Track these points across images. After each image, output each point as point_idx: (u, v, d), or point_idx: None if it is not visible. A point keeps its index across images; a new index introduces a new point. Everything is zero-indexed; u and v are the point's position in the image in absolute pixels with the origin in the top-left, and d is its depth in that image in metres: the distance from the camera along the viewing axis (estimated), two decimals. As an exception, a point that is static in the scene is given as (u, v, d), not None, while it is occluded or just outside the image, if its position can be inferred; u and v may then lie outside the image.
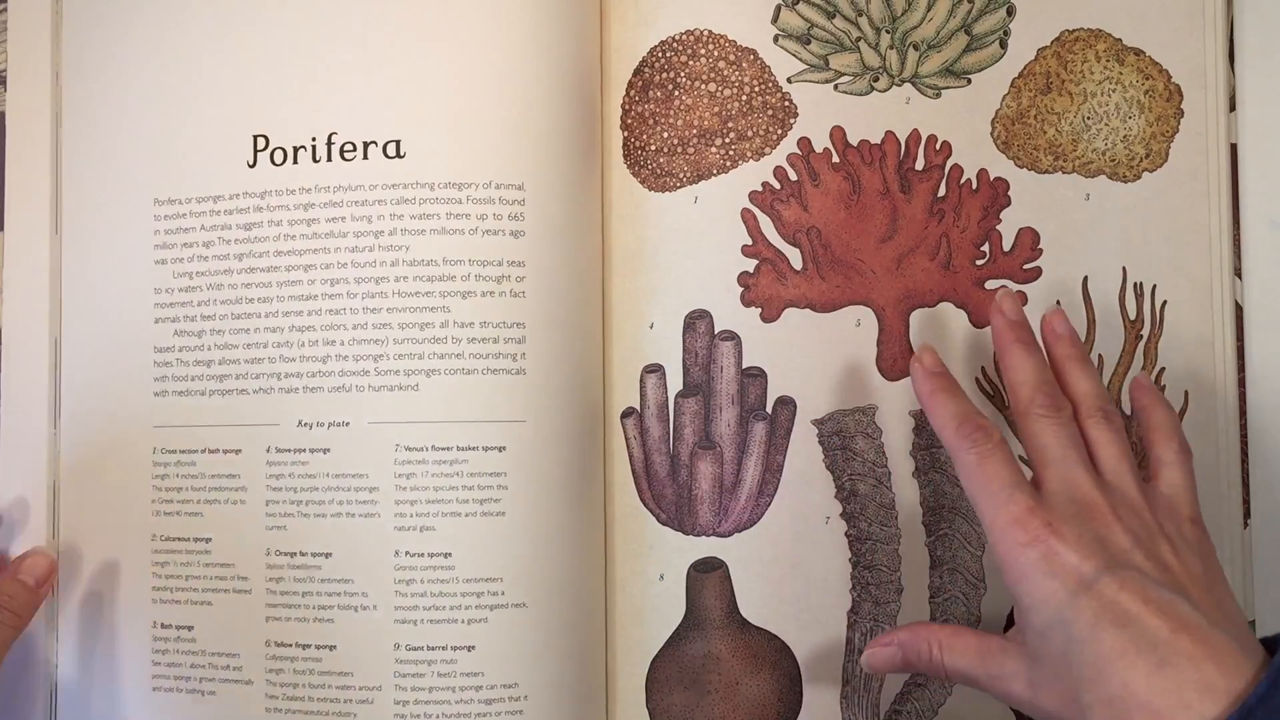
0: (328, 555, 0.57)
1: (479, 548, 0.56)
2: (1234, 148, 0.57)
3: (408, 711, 0.55)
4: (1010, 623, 0.57)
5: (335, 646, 0.57)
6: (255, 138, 0.59)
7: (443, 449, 0.56)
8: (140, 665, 0.60)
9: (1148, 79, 0.58)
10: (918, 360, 0.52)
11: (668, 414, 0.60)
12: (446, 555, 0.56)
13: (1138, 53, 0.58)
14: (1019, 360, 0.50)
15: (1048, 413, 0.48)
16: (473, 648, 0.55)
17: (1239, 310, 0.57)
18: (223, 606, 0.58)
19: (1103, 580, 0.42)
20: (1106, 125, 0.58)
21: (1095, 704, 0.40)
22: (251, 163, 0.59)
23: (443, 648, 0.55)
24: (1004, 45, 0.59)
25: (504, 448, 0.56)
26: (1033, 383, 0.49)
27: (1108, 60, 0.58)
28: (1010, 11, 0.59)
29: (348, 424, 0.57)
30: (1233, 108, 0.57)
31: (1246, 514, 0.56)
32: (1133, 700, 0.39)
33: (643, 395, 0.60)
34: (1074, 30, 0.59)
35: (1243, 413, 0.57)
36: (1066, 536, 0.43)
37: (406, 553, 0.56)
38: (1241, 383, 0.57)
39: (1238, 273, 0.57)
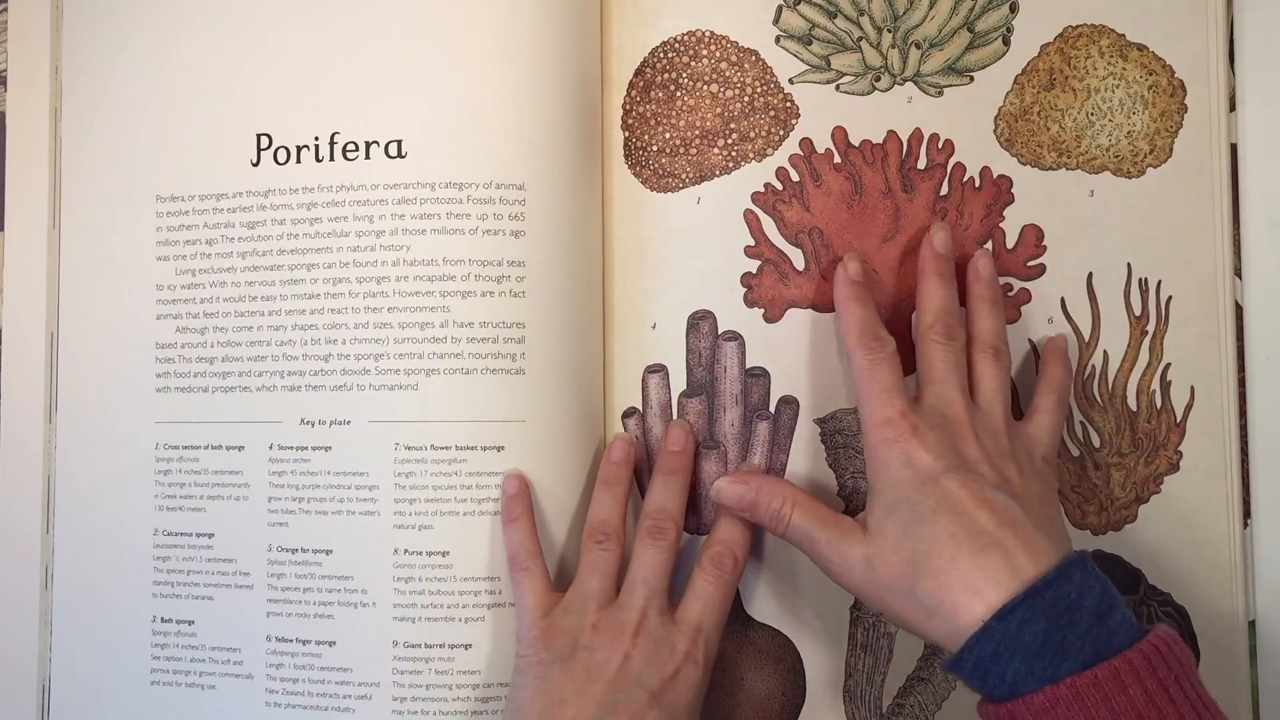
0: (328, 552, 0.57)
1: (477, 546, 0.56)
2: (1234, 148, 0.57)
3: (405, 708, 0.56)
4: None
5: (335, 642, 0.57)
6: (259, 136, 0.59)
7: (442, 448, 0.56)
8: (138, 659, 0.60)
9: (1151, 74, 0.58)
10: (843, 267, 0.56)
11: (671, 414, 0.60)
12: (445, 554, 0.56)
13: (1141, 48, 0.58)
14: (931, 289, 0.55)
15: (941, 339, 0.53)
16: (470, 646, 0.56)
17: (1239, 310, 0.57)
18: (224, 601, 0.59)
19: (948, 476, 0.49)
20: (1110, 121, 0.58)
21: (925, 574, 0.47)
22: (255, 161, 0.59)
23: (440, 645, 0.56)
24: (1007, 42, 0.59)
25: (503, 447, 0.56)
26: (936, 310, 0.54)
27: (1111, 56, 0.58)
28: (1013, 8, 0.59)
29: (349, 422, 0.57)
30: (1233, 108, 0.57)
31: (1246, 514, 0.56)
32: (955, 573, 0.46)
33: (645, 395, 0.60)
34: (1077, 26, 0.58)
35: (1243, 412, 0.57)
36: (927, 440, 0.50)
37: (405, 550, 0.56)
38: (1242, 382, 0.57)
39: (1238, 273, 0.57)
